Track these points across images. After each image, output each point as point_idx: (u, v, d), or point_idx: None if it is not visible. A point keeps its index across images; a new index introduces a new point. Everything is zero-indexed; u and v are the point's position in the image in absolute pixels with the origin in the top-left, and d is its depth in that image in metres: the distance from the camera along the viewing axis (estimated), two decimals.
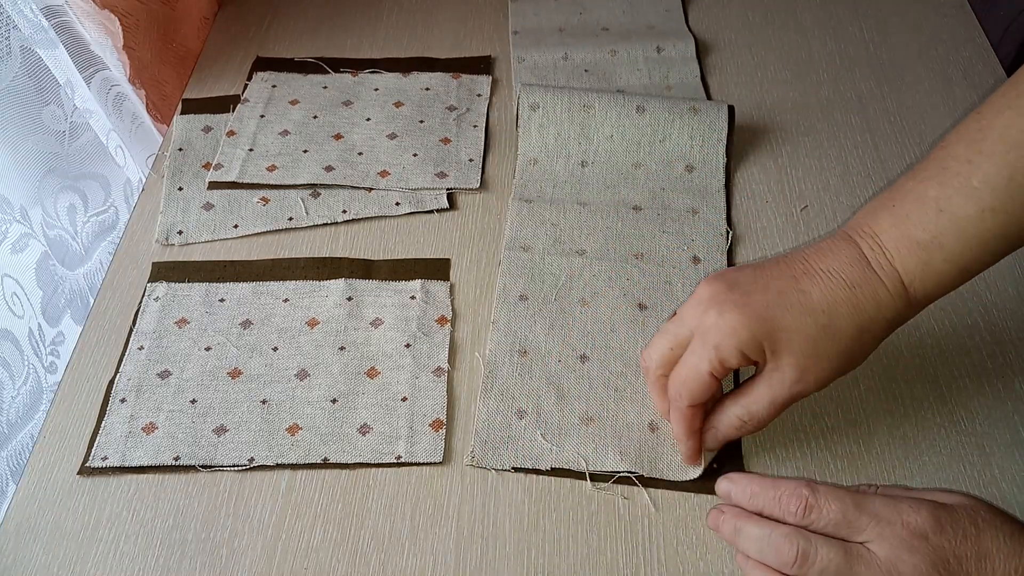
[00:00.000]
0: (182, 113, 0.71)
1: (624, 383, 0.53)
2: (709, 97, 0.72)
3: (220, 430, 0.52)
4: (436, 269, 0.60)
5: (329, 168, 0.66)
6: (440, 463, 0.50)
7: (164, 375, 0.55)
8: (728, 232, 0.61)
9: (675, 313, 0.48)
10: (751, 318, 0.42)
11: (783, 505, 0.43)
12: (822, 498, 0.42)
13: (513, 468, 0.50)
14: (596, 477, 0.49)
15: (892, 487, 0.45)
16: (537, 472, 0.50)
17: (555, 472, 0.50)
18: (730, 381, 0.52)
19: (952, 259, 0.42)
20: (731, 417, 0.45)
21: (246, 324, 0.57)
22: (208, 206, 0.64)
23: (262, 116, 0.70)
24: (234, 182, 0.65)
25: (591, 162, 0.65)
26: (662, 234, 0.61)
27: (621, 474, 0.49)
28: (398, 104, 0.72)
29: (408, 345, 0.56)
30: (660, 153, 0.64)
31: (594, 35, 0.77)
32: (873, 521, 0.41)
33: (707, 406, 0.47)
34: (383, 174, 0.66)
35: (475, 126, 0.70)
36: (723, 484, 0.46)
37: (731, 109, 0.64)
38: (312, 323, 0.57)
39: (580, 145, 0.65)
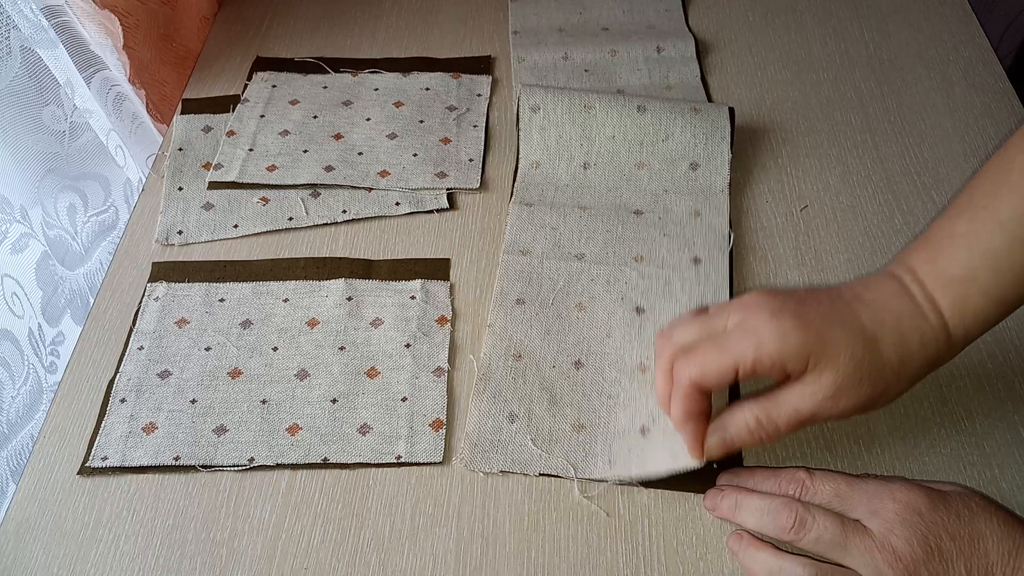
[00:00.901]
0: (182, 113, 0.71)
1: (618, 390, 0.53)
2: (709, 97, 0.72)
3: (220, 430, 0.52)
4: (436, 269, 0.60)
5: (329, 168, 0.66)
6: (440, 463, 0.50)
7: (164, 375, 0.55)
8: (731, 235, 0.61)
9: (705, 309, 0.47)
10: (805, 328, 0.41)
11: (782, 488, 0.45)
12: (818, 479, 0.44)
13: (501, 472, 0.50)
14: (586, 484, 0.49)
15: (888, 476, 0.45)
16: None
17: (546, 476, 0.50)
18: (722, 402, 0.51)
19: (987, 292, 0.42)
20: (747, 416, 0.43)
21: (246, 324, 0.57)
22: (208, 206, 0.64)
23: (262, 116, 0.70)
24: (234, 182, 0.65)
25: (593, 163, 0.65)
26: (663, 237, 0.61)
27: (609, 483, 0.49)
28: (398, 104, 0.72)
29: (408, 345, 0.56)
30: (663, 152, 0.64)
31: (594, 35, 0.77)
32: (866, 497, 0.42)
33: (708, 400, 0.45)
34: (383, 174, 0.66)
35: (475, 126, 0.70)
36: (725, 476, 0.48)
37: (731, 111, 0.64)
38: (312, 323, 0.57)
39: (582, 147, 0.65)
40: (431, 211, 0.64)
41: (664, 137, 0.64)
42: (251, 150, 0.67)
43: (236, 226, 0.63)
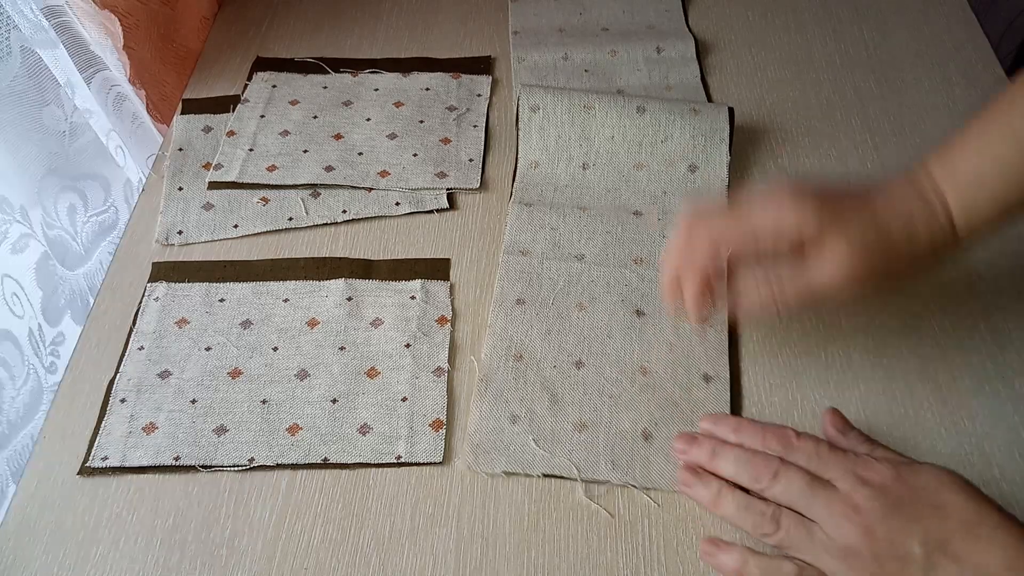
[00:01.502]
0: (182, 113, 0.71)
1: (619, 390, 0.53)
2: (709, 98, 0.72)
3: (220, 430, 0.52)
4: (436, 269, 0.60)
5: (329, 168, 0.66)
6: (440, 463, 0.50)
7: (164, 375, 0.55)
8: None
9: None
10: (821, 202, 0.45)
11: (766, 442, 0.45)
12: (803, 439, 0.45)
13: (504, 473, 0.50)
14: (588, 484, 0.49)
15: (871, 444, 0.47)
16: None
17: (547, 476, 0.50)
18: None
19: (993, 197, 0.45)
20: (759, 280, 0.47)
21: (246, 324, 0.57)
22: (208, 206, 0.64)
23: (262, 116, 0.70)
24: (234, 182, 0.65)
25: (592, 164, 0.65)
26: (662, 239, 0.61)
27: (613, 484, 0.49)
28: (398, 104, 0.72)
29: (408, 345, 0.56)
30: (662, 153, 0.64)
31: (594, 35, 0.77)
32: (842, 463, 0.43)
33: (720, 279, 0.48)
34: (383, 174, 0.66)
35: (475, 126, 0.70)
36: (705, 423, 0.48)
37: (731, 111, 0.64)
38: (312, 323, 0.57)
39: (581, 147, 0.65)
40: (431, 211, 0.64)
41: (663, 138, 0.64)
42: (251, 150, 0.67)
43: (236, 226, 0.63)
